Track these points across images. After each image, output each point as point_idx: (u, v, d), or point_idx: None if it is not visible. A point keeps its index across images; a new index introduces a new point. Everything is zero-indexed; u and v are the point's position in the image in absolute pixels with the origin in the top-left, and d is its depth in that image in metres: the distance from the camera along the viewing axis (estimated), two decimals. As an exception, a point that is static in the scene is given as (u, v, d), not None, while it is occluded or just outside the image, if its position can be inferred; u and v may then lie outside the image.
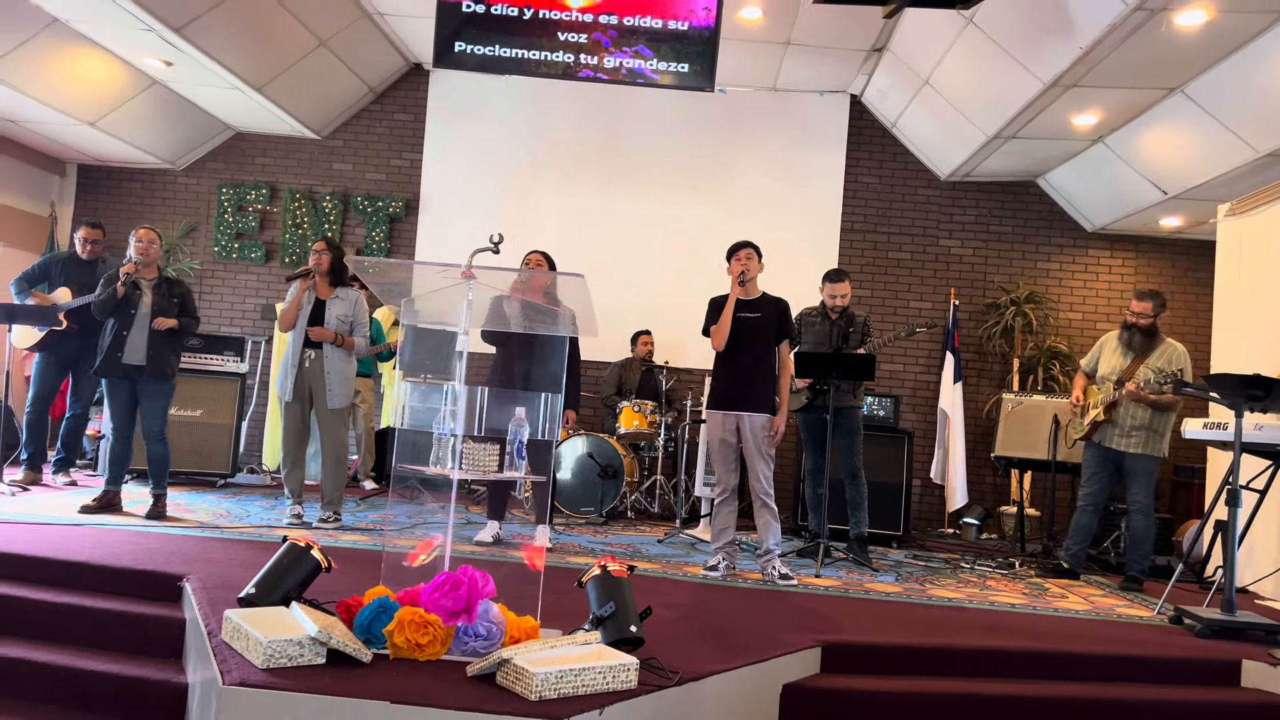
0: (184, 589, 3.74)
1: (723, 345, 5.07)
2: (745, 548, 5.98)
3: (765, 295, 5.19)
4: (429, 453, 3.47)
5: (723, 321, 5.06)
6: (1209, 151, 6.59)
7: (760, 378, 5.07)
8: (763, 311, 5.11)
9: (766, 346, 5.11)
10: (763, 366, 5.09)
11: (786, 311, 5.18)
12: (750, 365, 5.07)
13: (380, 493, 7.46)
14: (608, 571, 3.26)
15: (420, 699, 2.57)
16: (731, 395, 5.07)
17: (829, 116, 8.79)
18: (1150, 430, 5.66)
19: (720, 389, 5.12)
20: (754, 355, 5.08)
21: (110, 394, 5.59)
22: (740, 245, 5.19)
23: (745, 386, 5.05)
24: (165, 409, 5.63)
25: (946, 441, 8.26)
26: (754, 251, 5.16)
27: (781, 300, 5.20)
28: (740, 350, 5.07)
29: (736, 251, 5.18)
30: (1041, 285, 8.72)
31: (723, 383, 5.12)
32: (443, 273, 3.40)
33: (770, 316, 5.11)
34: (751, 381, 5.05)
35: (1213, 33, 5.40)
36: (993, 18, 6.01)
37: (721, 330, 5.06)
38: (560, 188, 8.84)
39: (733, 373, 5.08)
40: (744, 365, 5.07)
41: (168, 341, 5.57)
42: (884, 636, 3.94)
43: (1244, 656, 4.03)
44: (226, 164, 9.14)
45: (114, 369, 5.48)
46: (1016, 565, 6.30)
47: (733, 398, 5.06)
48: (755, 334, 5.08)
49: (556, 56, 5.59)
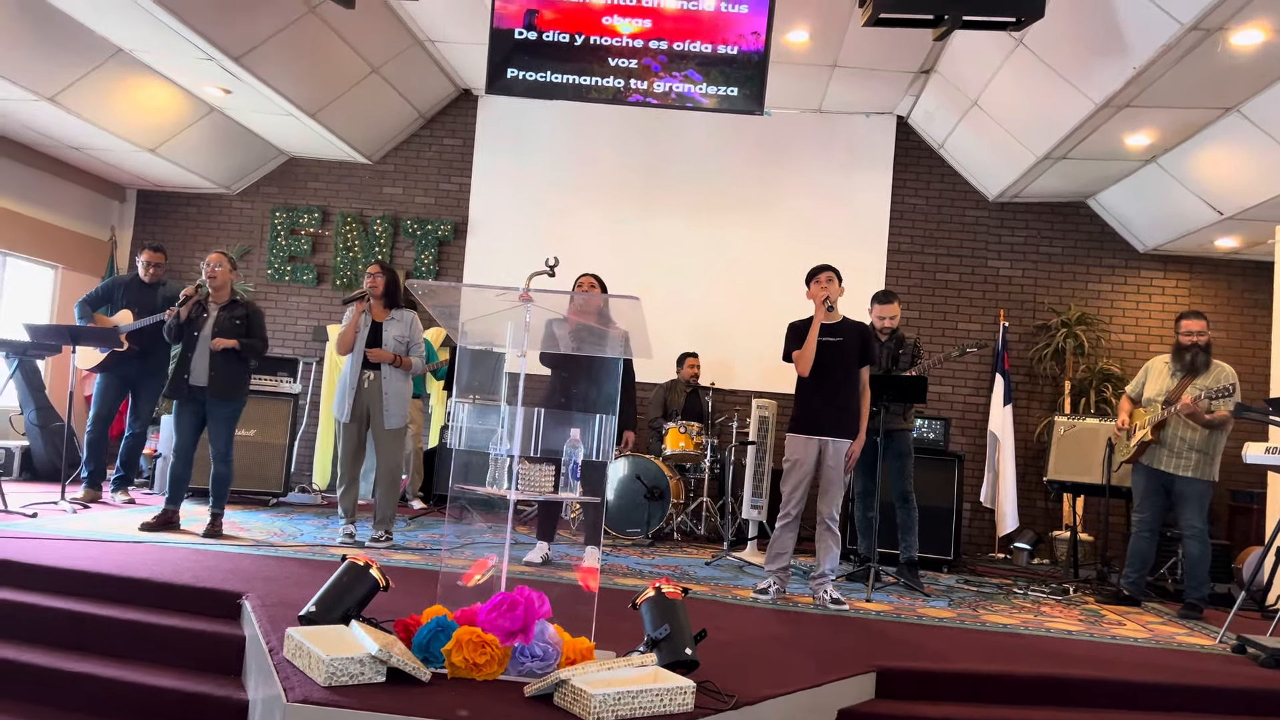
0: (243, 606, 3.80)
1: (808, 370, 5.04)
2: (796, 571, 5.95)
3: (846, 319, 5.17)
4: (484, 473, 3.50)
5: (807, 348, 5.03)
6: (1266, 171, 6.48)
7: (847, 402, 5.05)
8: (845, 335, 5.08)
9: (850, 371, 5.08)
10: (848, 391, 5.07)
11: (869, 335, 5.17)
12: (836, 390, 5.04)
13: (429, 512, 7.52)
14: (662, 593, 3.26)
15: (479, 719, 2.59)
16: (819, 420, 5.02)
17: (875, 138, 8.77)
18: (1201, 453, 5.54)
19: (806, 413, 5.07)
20: (839, 379, 5.05)
21: (178, 415, 5.72)
22: (821, 269, 5.17)
23: (833, 411, 5.02)
24: (230, 430, 5.75)
25: (997, 465, 8.15)
26: (834, 275, 5.15)
27: (863, 324, 5.19)
28: (826, 375, 5.03)
29: (817, 275, 5.16)
30: (1093, 307, 8.60)
31: (809, 407, 5.07)
32: (501, 295, 3.44)
33: (853, 340, 5.09)
34: (839, 406, 5.03)
35: (1270, 52, 5.32)
36: (1043, 39, 5.98)
37: (806, 356, 5.03)
38: (604, 211, 8.91)
39: (819, 397, 5.04)
40: (830, 390, 5.03)
41: (230, 362, 5.68)
42: (939, 662, 3.89)
43: (1312, 688, 3.93)
44: (280, 188, 9.33)
45: (180, 390, 5.63)
46: (1070, 591, 6.19)
47: (820, 422, 5.02)
48: (839, 358, 5.05)
49: (607, 82, 5.65)
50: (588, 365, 4.63)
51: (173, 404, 5.80)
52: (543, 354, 5.26)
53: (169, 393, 5.67)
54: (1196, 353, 5.66)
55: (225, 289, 5.79)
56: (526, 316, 3.38)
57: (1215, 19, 4.97)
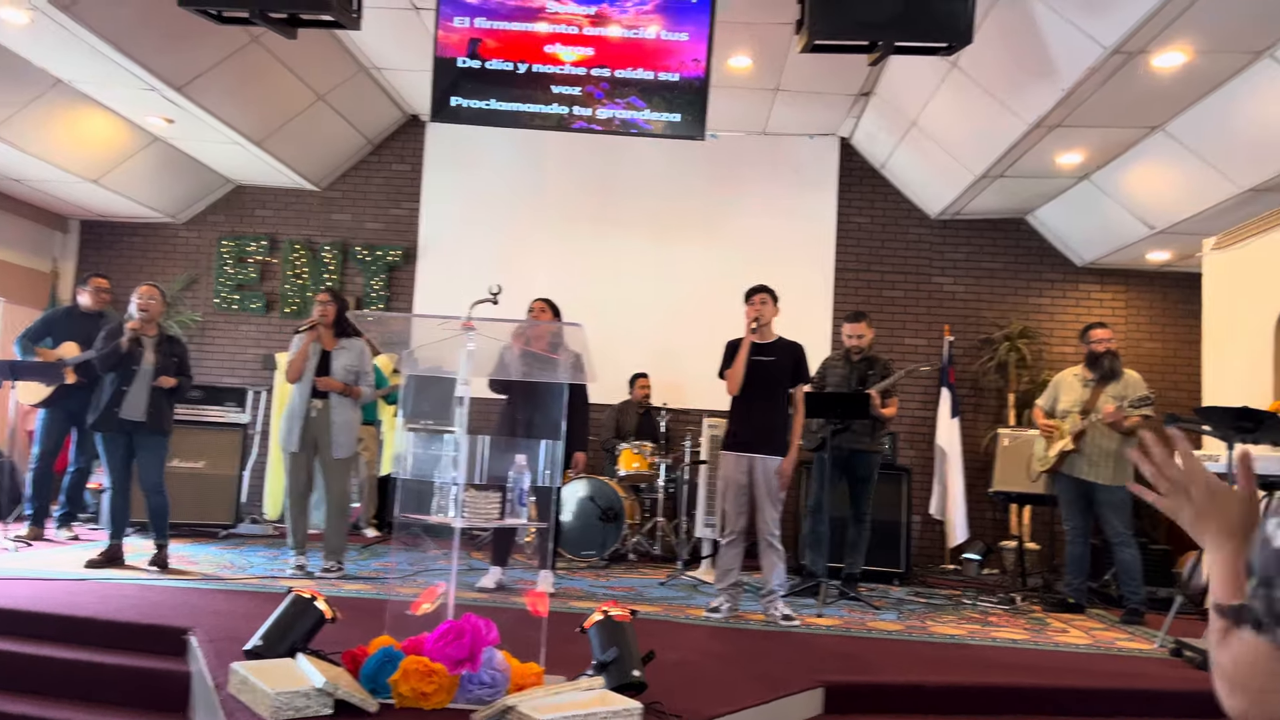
0: (189, 642, 3.77)
1: (737, 390, 5.13)
2: (748, 589, 6.00)
3: (780, 339, 5.26)
4: (431, 501, 3.52)
5: (736, 366, 5.12)
6: (1192, 187, 6.72)
7: (775, 421, 5.14)
8: (778, 355, 5.18)
9: (781, 390, 5.18)
10: (778, 410, 5.16)
11: (801, 355, 5.26)
12: (765, 408, 5.13)
13: (382, 540, 7.48)
14: (610, 617, 3.30)
15: (427, 748, 2.60)
16: (747, 438, 5.12)
17: (820, 159, 8.93)
18: (1118, 459, 5.73)
19: (736, 432, 5.17)
20: (769, 398, 5.14)
21: (107, 449, 5.64)
22: (756, 290, 5.27)
23: (760, 429, 5.10)
24: (162, 461, 5.70)
25: (945, 477, 8.29)
26: (769, 296, 5.24)
27: (796, 344, 5.28)
28: (756, 393, 5.12)
29: (751, 296, 5.26)
30: (1034, 320, 8.81)
31: (739, 425, 5.17)
32: (444, 324, 3.47)
33: (785, 360, 5.18)
34: (767, 424, 5.11)
35: (1191, 73, 5.53)
36: (976, 62, 6.16)
37: (735, 375, 5.12)
38: (556, 233, 8.96)
39: (748, 415, 5.14)
40: (759, 408, 5.13)
41: (166, 398, 5.65)
42: (886, 676, 3.97)
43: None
44: (227, 216, 9.26)
45: (110, 424, 5.55)
46: (1018, 600, 6.32)
47: (748, 440, 5.11)
48: (770, 377, 5.15)
49: (551, 109, 5.72)
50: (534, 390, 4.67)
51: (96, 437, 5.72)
52: (492, 380, 5.29)
53: (97, 425, 5.58)
54: (1110, 358, 5.88)
55: (155, 323, 5.75)
56: (469, 345, 3.41)
57: (1136, 43, 5.16)
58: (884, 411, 6.06)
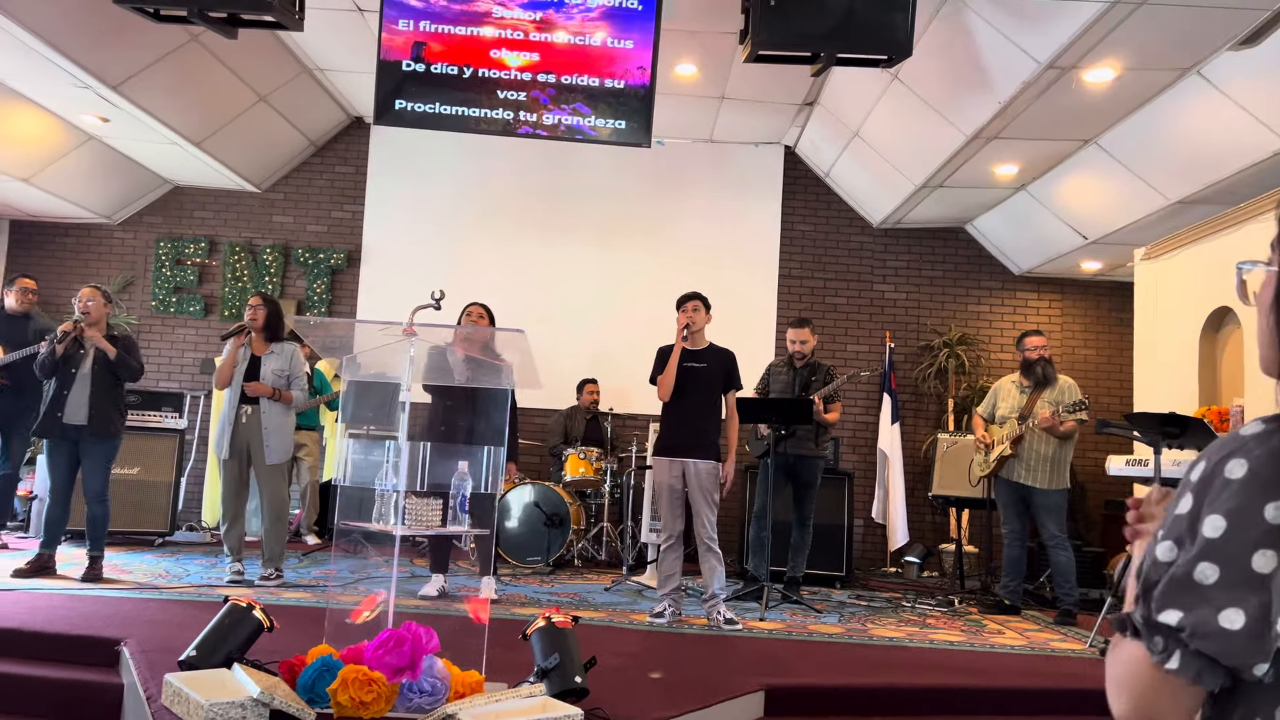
0: (122, 653, 3.69)
1: (667, 396, 5.19)
2: (691, 593, 6.04)
3: (712, 345, 5.32)
4: (372, 508, 3.49)
5: (667, 373, 5.17)
6: (1123, 199, 6.92)
7: (706, 425, 5.19)
8: (709, 361, 5.24)
9: (712, 395, 5.24)
10: (708, 415, 5.22)
11: (733, 362, 5.31)
12: (696, 413, 5.19)
13: (323, 547, 7.38)
14: (552, 623, 3.30)
15: (365, 757, 2.58)
16: (677, 442, 5.17)
17: (765, 166, 9.02)
18: (1053, 463, 5.88)
19: (667, 436, 5.23)
20: (700, 404, 5.20)
21: (50, 455, 5.50)
22: (688, 297, 5.32)
23: (691, 434, 5.16)
24: (107, 468, 5.56)
25: (886, 481, 8.42)
26: (701, 303, 5.29)
27: (728, 351, 5.33)
28: (686, 399, 5.18)
29: (684, 303, 5.30)
30: (973, 327, 8.98)
31: (669, 430, 5.23)
32: (385, 330, 3.45)
33: (716, 366, 5.24)
34: (697, 429, 5.17)
35: (1121, 89, 5.70)
36: (916, 74, 6.27)
37: (666, 383, 5.17)
38: (502, 237, 8.93)
39: (679, 420, 5.20)
40: (690, 413, 5.18)
41: (110, 399, 5.50)
42: (826, 678, 4.02)
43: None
44: (164, 218, 9.08)
45: (53, 429, 5.41)
46: (956, 603, 6.44)
47: (678, 445, 5.16)
48: (701, 383, 5.21)
49: (496, 114, 5.70)
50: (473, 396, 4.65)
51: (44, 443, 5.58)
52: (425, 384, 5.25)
53: (40, 432, 5.45)
54: (1044, 365, 6.04)
55: (100, 324, 5.61)
56: (411, 351, 3.39)
57: (1069, 58, 5.30)
58: (827, 417, 6.15)
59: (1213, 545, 0.93)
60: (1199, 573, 0.93)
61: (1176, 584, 0.95)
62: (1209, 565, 0.93)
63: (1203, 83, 5.46)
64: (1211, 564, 0.93)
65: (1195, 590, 0.93)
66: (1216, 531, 0.93)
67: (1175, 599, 0.94)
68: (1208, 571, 0.93)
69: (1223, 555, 0.93)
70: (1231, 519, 0.93)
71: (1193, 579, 0.94)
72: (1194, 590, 0.93)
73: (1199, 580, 0.93)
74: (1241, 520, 0.93)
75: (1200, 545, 0.94)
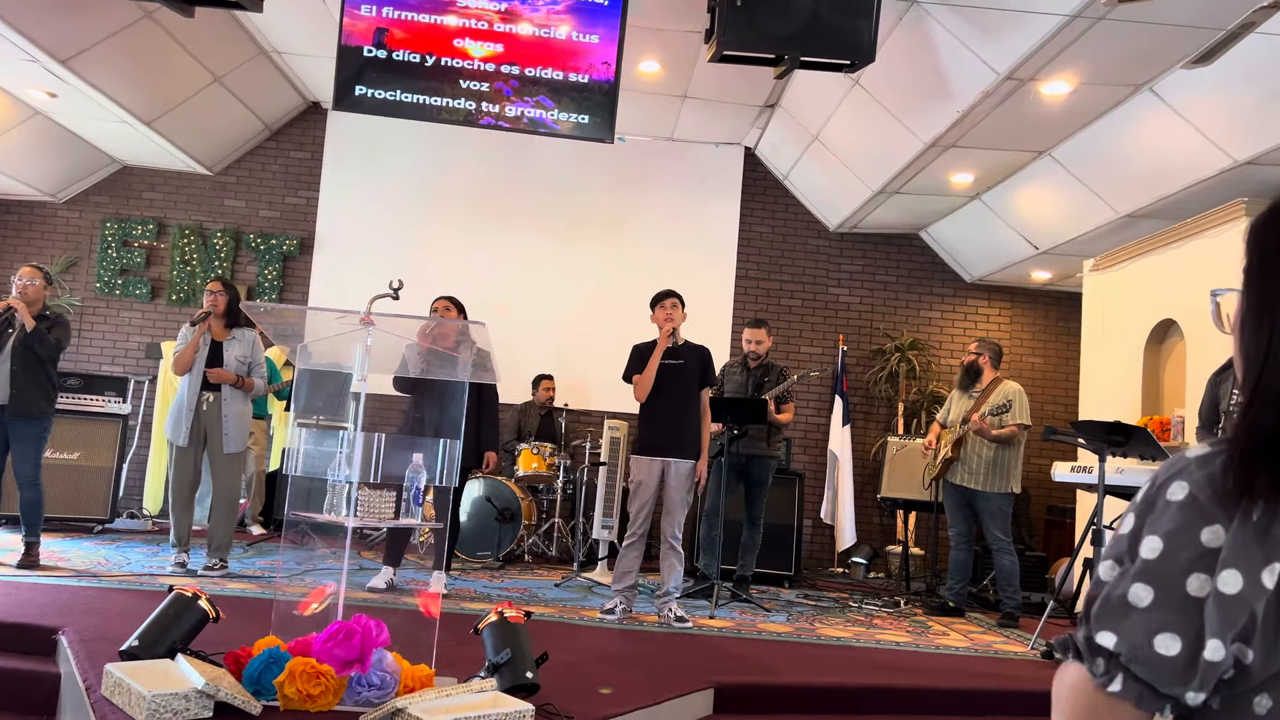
0: (59, 642, 3.59)
1: (644, 397, 5.17)
2: (642, 590, 6.04)
3: (688, 343, 5.32)
4: (323, 499, 3.44)
5: (647, 374, 5.15)
6: (1074, 211, 7.05)
7: (687, 425, 5.19)
8: (686, 359, 5.23)
9: (691, 393, 5.23)
10: (688, 413, 5.21)
11: (709, 359, 5.32)
12: (677, 412, 5.18)
13: (269, 538, 7.26)
14: (505, 618, 3.28)
15: (312, 751, 2.54)
16: (660, 442, 5.15)
17: (724, 167, 9.06)
18: (995, 466, 5.99)
19: (649, 436, 5.19)
20: (680, 402, 5.19)
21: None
22: (665, 294, 5.29)
23: (674, 433, 5.15)
24: (37, 452, 5.39)
25: (836, 483, 8.50)
26: (678, 301, 5.29)
27: (704, 348, 5.34)
28: (666, 397, 5.16)
29: (661, 300, 5.28)
30: (924, 333, 9.10)
31: (651, 430, 5.20)
32: (341, 318, 3.40)
33: (693, 364, 5.24)
34: (679, 428, 5.16)
35: (1076, 102, 5.81)
36: (877, 80, 6.34)
37: (645, 383, 5.15)
38: (459, 229, 8.85)
39: (661, 420, 5.17)
40: (671, 412, 5.17)
41: (35, 379, 5.33)
42: (775, 677, 4.05)
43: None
44: (112, 198, 8.86)
45: None
46: (902, 604, 6.52)
47: (661, 444, 5.14)
48: (680, 381, 5.19)
49: (458, 104, 5.65)
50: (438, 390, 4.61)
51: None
52: (396, 379, 5.20)
53: None
54: (972, 366, 6.24)
55: (37, 305, 5.45)
56: (368, 340, 3.35)
57: (1027, 70, 5.39)
58: (779, 418, 6.19)
59: (1148, 567, 0.93)
60: (1133, 594, 0.93)
61: (1111, 605, 0.95)
62: (1143, 587, 0.93)
63: (1155, 100, 5.59)
64: (1146, 586, 0.93)
65: (1129, 612, 0.93)
66: (1153, 553, 0.93)
67: (1110, 621, 0.94)
68: (1142, 593, 0.93)
69: (1157, 577, 0.93)
70: (1168, 541, 0.93)
71: (1127, 600, 0.93)
72: (1127, 612, 0.93)
73: (1133, 602, 0.93)
74: (1177, 543, 0.92)
75: (1137, 566, 0.94)
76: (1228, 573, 0.89)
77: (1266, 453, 0.93)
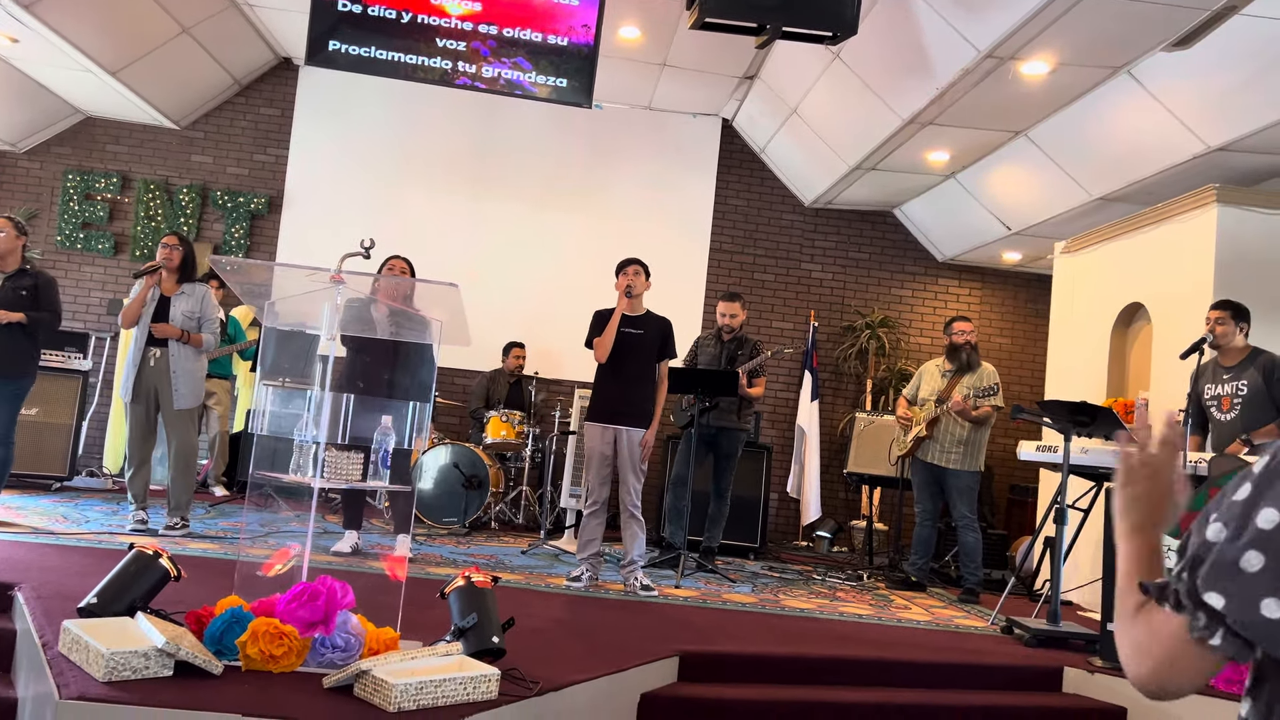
0: (15, 598, 3.53)
1: (605, 358, 5.14)
2: (609, 559, 6.05)
3: (650, 313, 5.29)
4: (288, 459, 3.39)
5: (606, 335, 5.12)
6: (1048, 192, 7.09)
7: (640, 393, 5.17)
8: (646, 329, 5.21)
9: (648, 363, 5.21)
10: (644, 382, 5.19)
11: (669, 330, 5.30)
12: (631, 380, 5.15)
13: (232, 499, 7.18)
14: (472, 583, 3.26)
15: (275, 711, 2.51)
16: (611, 409, 5.13)
17: (702, 138, 9.00)
18: (968, 445, 6.04)
19: (601, 402, 5.18)
20: (636, 371, 5.17)
21: None
22: (629, 261, 5.27)
23: (626, 401, 5.13)
24: (14, 410, 5.26)
25: (803, 457, 8.55)
26: (641, 268, 5.26)
27: (665, 319, 5.32)
28: (622, 365, 5.14)
29: (624, 268, 5.26)
30: (895, 311, 9.14)
31: (604, 396, 5.18)
32: (310, 276, 3.34)
33: (653, 334, 5.22)
34: (632, 396, 5.14)
35: (1054, 83, 5.81)
36: (858, 54, 6.31)
37: (605, 344, 5.12)
38: (431, 192, 8.74)
39: (614, 387, 5.15)
40: (625, 380, 5.15)
41: (14, 338, 5.21)
42: (739, 646, 4.07)
43: (1065, 664, 4.34)
44: (74, 149, 8.65)
45: None
46: (865, 577, 6.58)
47: (612, 411, 5.13)
48: (638, 350, 5.17)
49: (434, 62, 5.55)
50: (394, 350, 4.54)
51: None
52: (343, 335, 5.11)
53: None
54: (969, 351, 6.18)
55: (14, 256, 5.30)
56: (338, 299, 3.29)
57: (1007, 49, 5.38)
58: (751, 391, 6.19)
59: (1264, 536, 0.98)
60: (1245, 560, 0.98)
61: (1222, 568, 1.00)
62: (1256, 554, 0.98)
63: (1132, 83, 5.60)
64: (1260, 553, 0.98)
65: (1240, 576, 0.98)
66: (1270, 524, 0.98)
67: (1220, 582, 1.00)
68: (1254, 560, 0.98)
69: (1271, 547, 0.98)
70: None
71: (1239, 565, 0.99)
72: (1239, 576, 0.98)
73: (1244, 568, 0.98)
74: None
75: (1251, 534, 0.99)
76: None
77: None
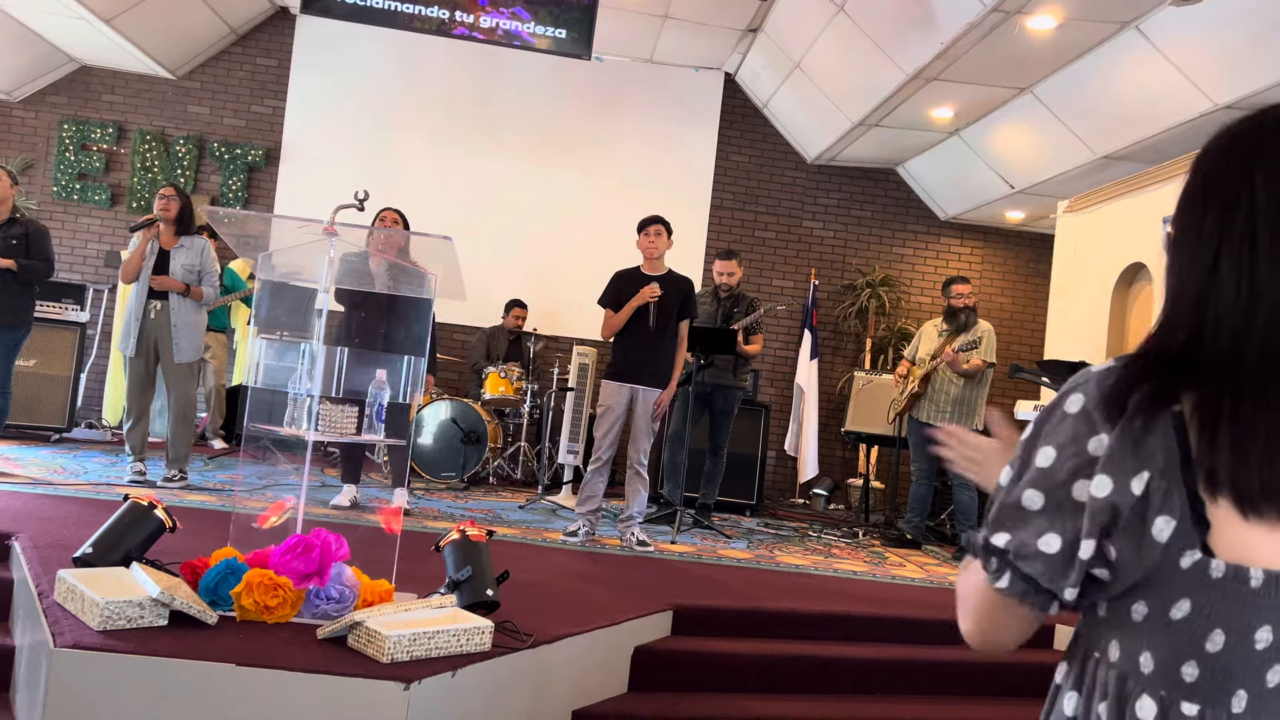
0: (12, 548, 3.54)
1: (610, 336, 5.12)
2: (606, 515, 6.07)
3: (672, 272, 5.24)
4: (284, 412, 3.39)
5: (621, 315, 5.07)
6: (1053, 150, 7.01)
7: (660, 354, 5.14)
8: (668, 289, 5.15)
9: (669, 323, 5.16)
10: (664, 343, 5.15)
11: (690, 290, 5.25)
12: (653, 341, 5.11)
13: (229, 452, 7.21)
14: (466, 536, 3.27)
15: (268, 661, 2.53)
16: (632, 369, 5.10)
17: (704, 92, 8.89)
18: (962, 403, 6.04)
19: (621, 361, 5.15)
20: (657, 331, 5.12)
21: None
22: (651, 220, 5.19)
23: (645, 361, 5.10)
24: (10, 360, 5.27)
25: (801, 415, 8.55)
26: (664, 228, 5.18)
27: (686, 279, 5.26)
28: (644, 325, 5.10)
29: (645, 227, 5.18)
30: (896, 269, 9.10)
31: (624, 356, 5.14)
32: (303, 228, 3.31)
33: (674, 295, 5.16)
34: (652, 357, 5.11)
35: (1060, 38, 5.73)
36: (862, 7, 6.21)
37: (616, 324, 5.09)
38: (430, 144, 8.66)
39: (636, 347, 5.11)
40: (647, 340, 5.11)
41: (7, 286, 5.19)
42: (732, 601, 4.09)
43: (1055, 621, 4.37)
44: (70, 99, 8.55)
45: None
46: (860, 535, 6.62)
47: (633, 371, 5.10)
48: (659, 311, 5.11)
49: (431, 12, 5.46)
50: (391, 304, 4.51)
51: None
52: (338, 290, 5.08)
53: None
54: (967, 313, 6.15)
55: (5, 205, 5.27)
56: (331, 251, 3.26)
57: (1014, 2, 5.29)
58: (748, 349, 6.17)
59: (1042, 474, 1.00)
60: (1026, 499, 1.00)
61: (1007, 509, 1.02)
62: (1035, 492, 1.00)
63: (1140, 38, 5.51)
64: (1038, 491, 0.99)
65: (1022, 515, 1.00)
66: (1047, 461, 1.00)
67: (1005, 523, 1.01)
68: (1034, 498, 0.99)
69: (1048, 483, 0.99)
70: (1060, 450, 0.99)
71: (1020, 504, 1.00)
72: (1021, 515, 1.00)
73: (1026, 506, 1.00)
74: (1067, 452, 0.98)
75: (1031, 473, 1.01)
76: (1101, 477, 0.95)
77: (1158, 370, 0.98)
